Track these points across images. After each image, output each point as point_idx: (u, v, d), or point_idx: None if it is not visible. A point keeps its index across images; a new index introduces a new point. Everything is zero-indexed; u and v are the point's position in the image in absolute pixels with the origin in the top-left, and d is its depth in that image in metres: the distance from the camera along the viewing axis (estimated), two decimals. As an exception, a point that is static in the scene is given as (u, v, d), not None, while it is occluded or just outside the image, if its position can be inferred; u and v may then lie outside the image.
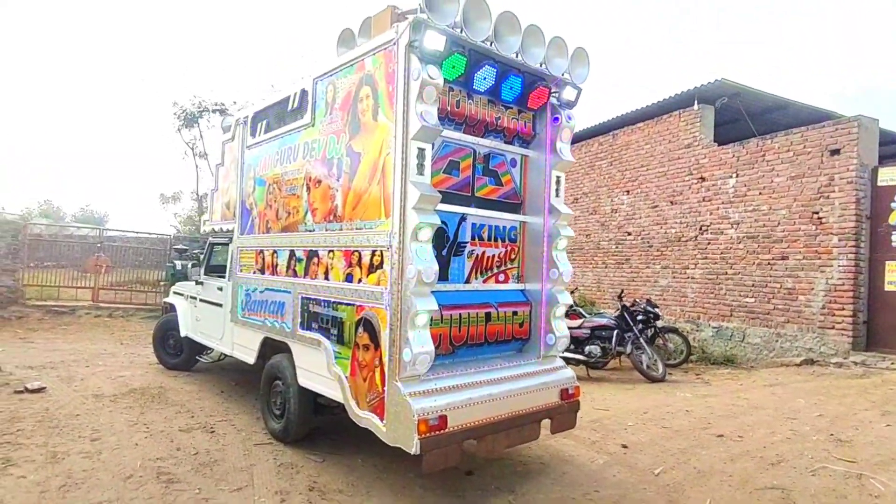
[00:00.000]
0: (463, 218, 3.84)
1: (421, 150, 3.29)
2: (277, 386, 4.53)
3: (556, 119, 4.12)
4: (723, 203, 10.03)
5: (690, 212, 10.67)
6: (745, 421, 5.24)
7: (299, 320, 4.20)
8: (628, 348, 7.46)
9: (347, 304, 3.69)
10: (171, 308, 6.82)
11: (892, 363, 7.36)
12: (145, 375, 6.49)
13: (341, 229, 3.80)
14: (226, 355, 5.75)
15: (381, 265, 3.43)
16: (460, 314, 3.75)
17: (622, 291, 8.62)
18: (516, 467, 4.09)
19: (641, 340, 7.49)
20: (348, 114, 3.77)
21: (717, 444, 4.64)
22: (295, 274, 4.31)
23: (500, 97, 3.88)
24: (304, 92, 4.27)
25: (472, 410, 3.41)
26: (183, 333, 6.38)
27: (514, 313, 4.11)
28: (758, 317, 9.32)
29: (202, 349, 6.55)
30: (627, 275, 11.90)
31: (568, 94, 4.11)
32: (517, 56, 3.73)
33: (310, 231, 4.15)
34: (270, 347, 4.74)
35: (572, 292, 10.95)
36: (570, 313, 8.50)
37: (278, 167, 4.63)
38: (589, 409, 5.35)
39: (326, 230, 3.96)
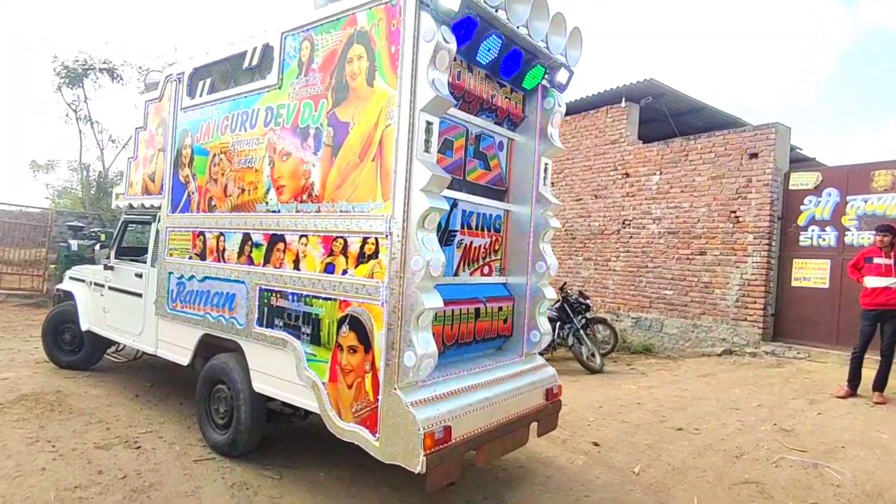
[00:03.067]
0: (455, 204, 3.47)
1: (429, 125, 2.86)
2: (221, 391, 3.89)
3: (547, 100, 3.86)
4: (646, 199, 10.42)
5: (614, 206, 10.99)
6: (695, 413, 5.37)
7: (256, 315, 3.60)
8: (569, 340, 7.48)
9: (327, 299, 3.18)
10: (67, 296, 5.76)
11: (798, 353, 8.03)
12: (35, 377, 5.42)
13: (319, 211, 3.27)
14: (145, 354, 4.93)
15: (374, 255, 2.96)
16: (452, 310, 3.38)
17: (564, 284, 8.65)
18: (498, 474, 3.82)
19: (581, 332, 7.54)
20: (332, 76, 3.23)
21: (680, 438, 4.68)
22: (251, 261, 3.69)
23: (498, 73, 3.54)
24: (268, 48, 3.64)
25: (474, 418, 3.08)
26: (84, 327, 5.39)
27: (500, 309, 3.82)
28: (676, 308, 9.81)
29: (109, 345, 5.60)
30: (550, 265, 12.07)
31: (561, 76, 3.85)
32: (524, 29, 3.39)
33: (273, 212, 3.55)
34: (211, 346, 4.07)
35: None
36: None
37: (228, 134, 3.94)
38: (548, 405, 5.22)
39: (297, 211, 3.40)
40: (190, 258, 4.22)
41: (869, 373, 5.85)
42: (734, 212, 9.04)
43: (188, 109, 4.33)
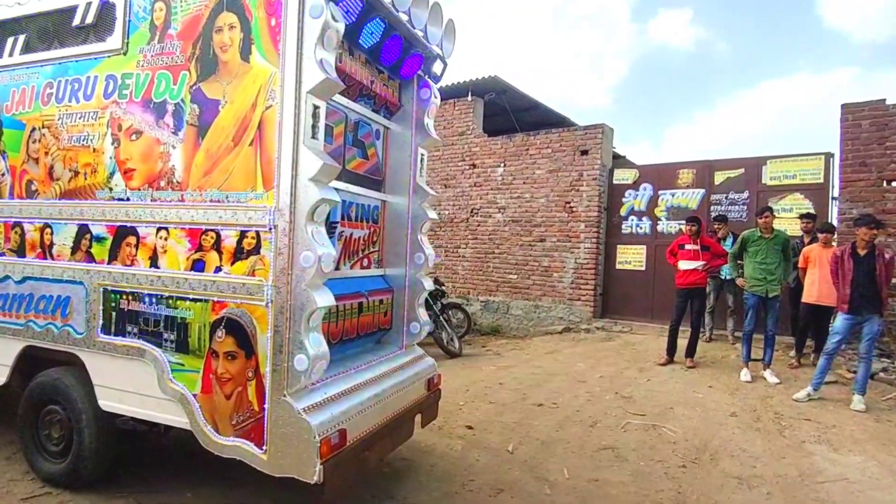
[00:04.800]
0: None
1: (317, 109, 2.65)
2: (54, 413, 3.25)
3: (424, 90, 3.84)
4: (492, 189, 10.99)
5: (462, 195, 11.42)
6: (550, 388, 5.83)
7: (101, 322, 3.06)
8: (430, 326, 7.60)
9: (196, 300, 2.81)
10: None
11: (623, 327, 9.13)
12: None
13: (183, 199, 2.86)
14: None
15: (255, 250, 2.69)
16: (337, 306, 3.21)
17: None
18: (383, 469, 3.75)
19: (440, 318, 7.73)
20: (195, 46, 2.83)
21: (542, 413, 5.04)
22: (91, 258, 3.12)
23: (379, 59, 3.41)
24: (107, 4, 3.07)
25: (366, 416, 2.97)
26: None
27: (380, 302, 3.74)
28: (520, 291, 10.55)
29: None
30: (402, 253, 12.17)
31: (437, 67, 3.87)
32: (405, 15, 3.31)
33: (121, 200, 3.03)
34: (36, 360, 3.38)
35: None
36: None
37: (52, 105, 3.26)
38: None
39: (153, 200, 2.94)
40: (2, 254, 3.44)
41: (682, 342, 6.86)
42: (569, 202, 9.94)
43: (-9, 71, 3.50)
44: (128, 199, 3.02)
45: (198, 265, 2.82)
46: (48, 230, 3.26)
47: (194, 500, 3.24)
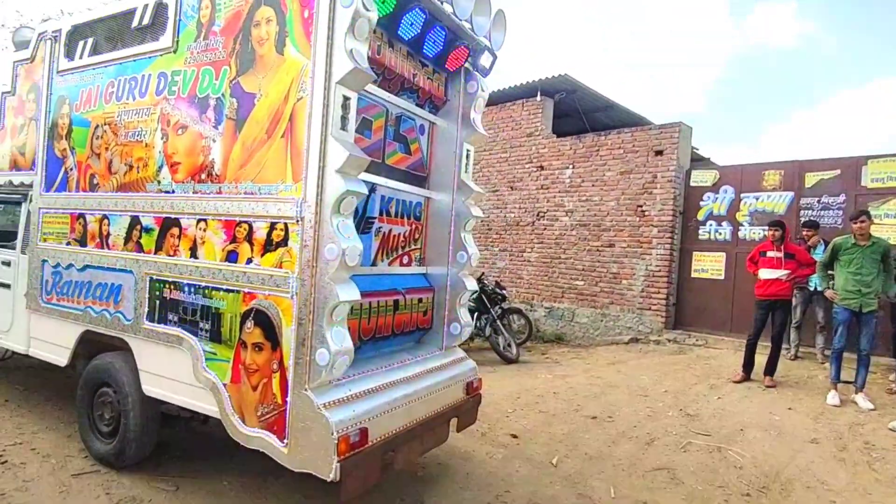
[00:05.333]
0: (373, 188, 3.24)
1: (346, 100, 2.61)
2: (106, 395, 3.43)
3: (471, 83, 3.72)
4: (559, 191, 10.65)
5: (529, 198, 11.16)
6: (608, 401, 5.50)
7: (146, 309, 3.19)
8: (487, 330, 7.47)
9: (229, 291, 2.85)
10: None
11: (697, 340, 8.54)
12: None
13: (220, 192, 2.92)
14: (16, 353, 4.29)
15: (283, 242, 2.68)
16: (370, 302, 3.16)
17: (482, 275, 8.63)
18: (416, 472, 3.66)
19: (498, 322, 7.56)
20: (236, 41, 2.88)
21: (594, 426, 4.75)
22: (140, 248, 3.26)
23: (421, 50, 3.34)
24: (161, 5, 3.20)
25: (392, 417, 2.89)
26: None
27: (420, 300, 3.65)
28: (586, 298, 10.13)
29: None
30: (467, 256, 12.06)
31: (485, 60, 3.72)
32: (448, 6, 3.21)
33: (167, 192, 3.15)
34: (92, 344, 3.58)
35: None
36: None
37: (113, 103, 3.45)
38: (466, 398, 5.15)
39: (195, 192, 3.02)
40: (68, 244, 3.69)
41: (760, 358, 6.28)
42: (640, 206, 9.43)
43: (66, 73, 3.76)
44: (173, 192, 3.12)
45: (232, 256, 2.86)
46: (106, 221, 3.45)
47: (229, 487, 3.29)
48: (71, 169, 3.69)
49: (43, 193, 3.88)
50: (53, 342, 3.78)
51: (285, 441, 2.62)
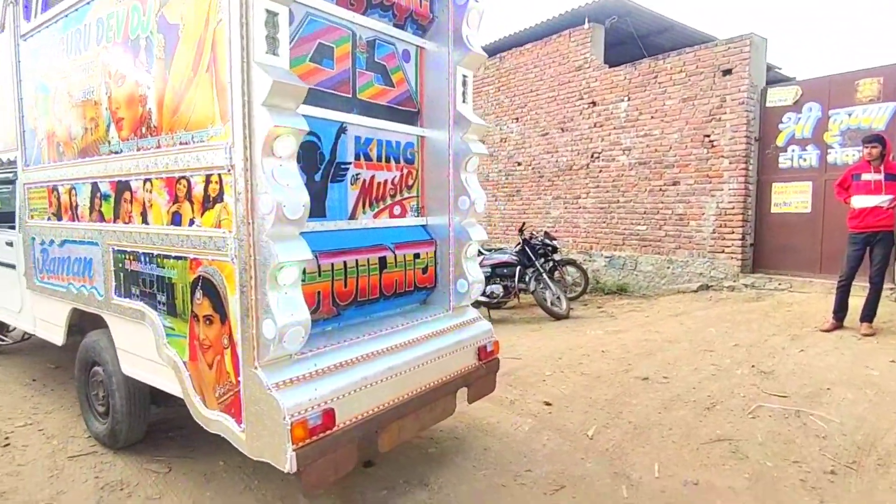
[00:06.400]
0: (342, 129, 2.75)
1: (272, 15, 2.11)
2: (97, 375, 3.26)
3: None
4: (614, 128, 9.67)
5: (581, 139, 10.24)
6: (664, 358, 4.85)
7: (113, 283, 2.94)
8: (531, 285, 6.91)
9: (178, 258, 2.51)
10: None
11: (779, 284, 7.53)
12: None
13: (160, 146, 2.55)
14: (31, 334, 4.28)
15: (219, 197, 2.28)
16: (345, 262, 2.72)
17: (523, 225, 8.03)
18: (427, 448, 3.27)
19: (544, 276, 6.97)
20: (154, -35, 2.45)
21: (645, 389, 4.15)
22: (101, 217, 2.98)
23: (389, -45, 2.76)
24: (86, -61, 2.82)
25: (373, 393, 2.48)
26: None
27: (416, 256, 3.16)
28: (650, 244, 9.25)
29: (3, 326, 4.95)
30: (518, 207, 11.42)
31: (475, -39, 3.08)
32: None
33: (116, 153, 2.83)
34: (84, 321, 3.41)
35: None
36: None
37: (65, 60, 3.15)
38: (500, 361, 4.67)
39: (139, 150, 2.67)
40: (48, 219, 3.51)
41: (856, 302, 5.33)
42: (708, 136, 8.34)
43: (27, 36, 3.51)
44: (121, 152, 2.79)
45: (176, 218, 2.50)
46: (73, 191, 3.20)
47: (223, 469, 3.06)
48: (42, 140, 3.47)
49: (25, 168, 3.71)
50: (50, 321, 3.68)
51: (242, 426, 2.28)
